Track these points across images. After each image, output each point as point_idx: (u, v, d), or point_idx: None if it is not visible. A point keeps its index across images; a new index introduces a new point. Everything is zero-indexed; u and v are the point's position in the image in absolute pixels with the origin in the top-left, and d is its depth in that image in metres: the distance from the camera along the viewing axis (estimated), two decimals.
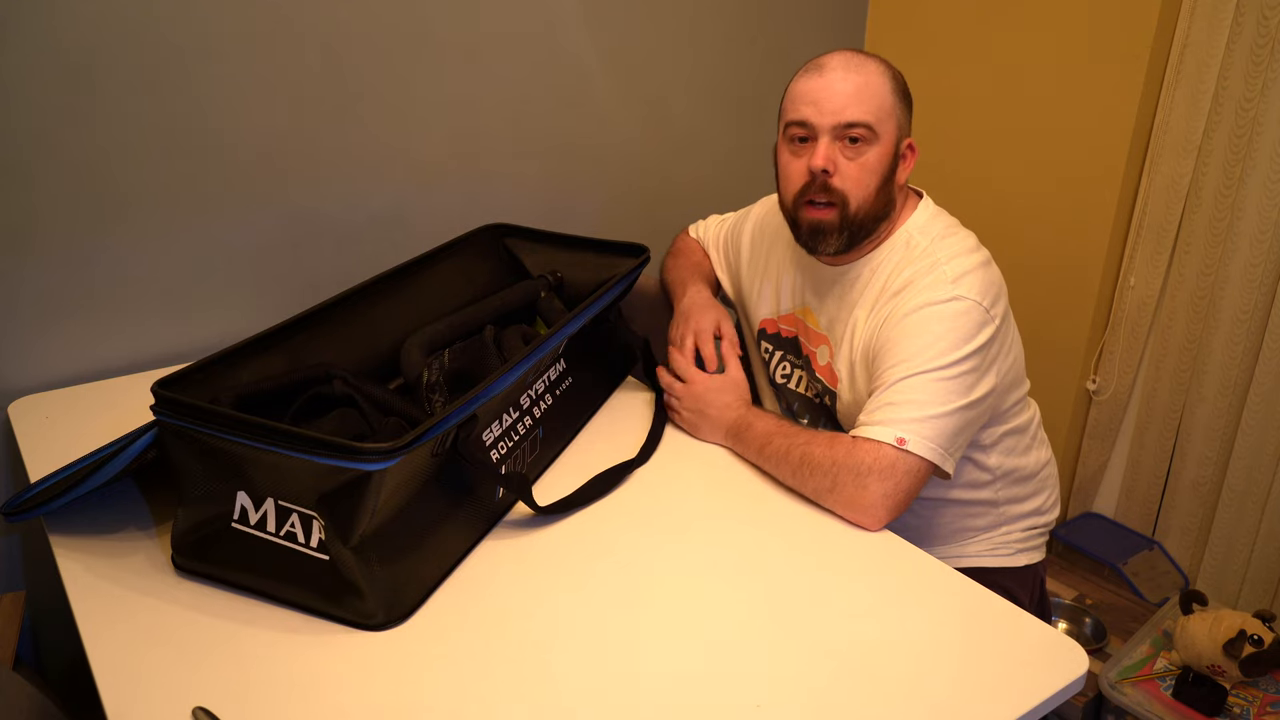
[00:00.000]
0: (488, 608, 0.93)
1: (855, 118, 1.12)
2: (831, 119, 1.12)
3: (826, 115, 1.12)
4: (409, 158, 1.54)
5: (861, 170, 1.13)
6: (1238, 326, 1.70)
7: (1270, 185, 1.60)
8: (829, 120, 1.12)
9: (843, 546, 1.04)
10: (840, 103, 1.12)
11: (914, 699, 0.84)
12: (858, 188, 1.14)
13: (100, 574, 0.95)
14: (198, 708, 0.78)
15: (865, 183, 1.14)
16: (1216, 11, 1.60)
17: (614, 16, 1.68)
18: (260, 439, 0.85)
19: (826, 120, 1.12)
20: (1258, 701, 1.52)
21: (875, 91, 1.12)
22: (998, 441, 1.23)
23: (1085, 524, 2.02)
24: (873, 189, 1.14)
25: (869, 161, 1.13)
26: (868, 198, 1.14)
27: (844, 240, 1.16)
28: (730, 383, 1.25)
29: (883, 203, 1.16)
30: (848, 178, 1.14)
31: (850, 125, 1.12)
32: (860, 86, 1.12)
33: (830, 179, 1.14)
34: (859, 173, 1.13)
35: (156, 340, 1.39)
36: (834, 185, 1.14)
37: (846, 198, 1.14)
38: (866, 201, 1.14)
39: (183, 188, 1.35)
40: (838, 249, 1.18)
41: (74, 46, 1.22)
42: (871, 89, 1.12)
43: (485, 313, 1.27)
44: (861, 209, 1.15)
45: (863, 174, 1.13)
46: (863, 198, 1.14)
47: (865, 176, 1.14)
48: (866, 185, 1.14)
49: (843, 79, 1.12)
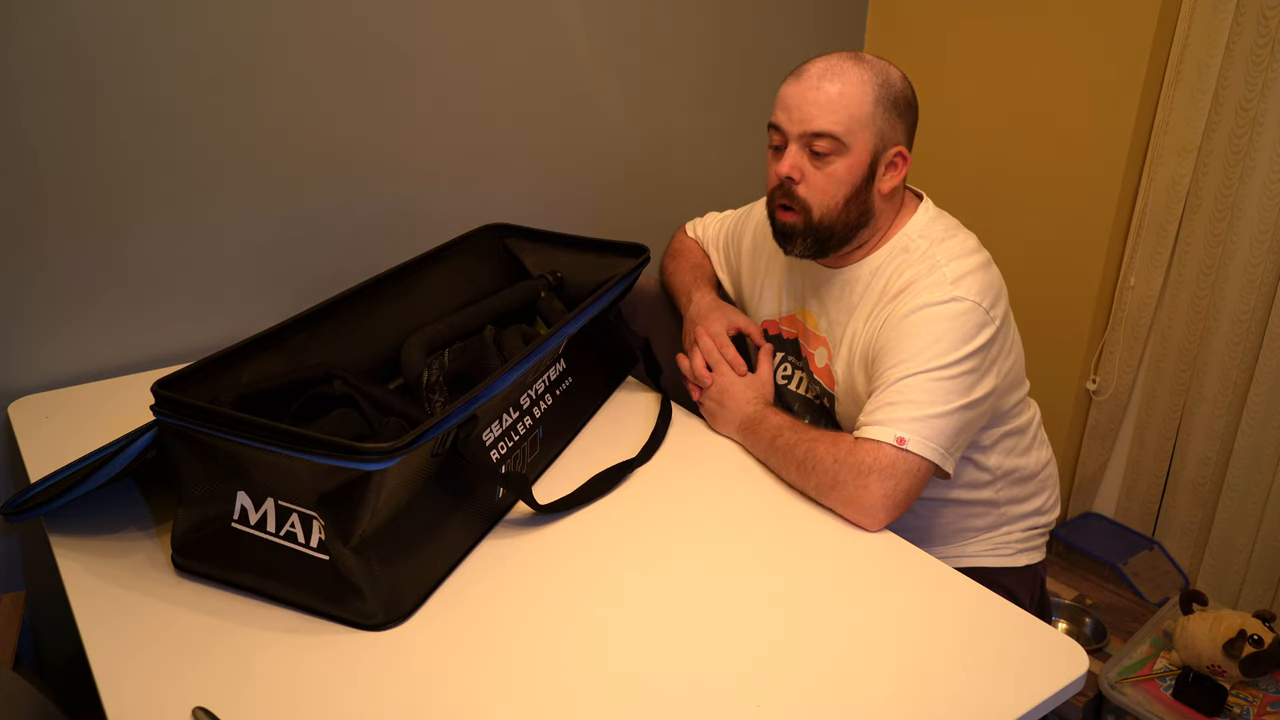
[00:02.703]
0: (488, 608, 0.93)
1: (820, 128, 1.11)
2: (798, 127, 1.12)
3: (795, 123, 1.12)
4: (409, 158, 1.54)
5: (828, 180, 1.13)
6: (1238, 326, 1.70)
7: (1270, 185, 1.61)
8: (796, 128, 1.12)
9: (843, 547, 1.04)
10: (808, 112, 1.11)
11: (914, 699, 0.84)
12: (822, 196, 1.13)
13: (100, 574, 0.95)
14: (198, 708, 0.78)
15: (831, 192, 1.13)
16: (1216, 11, 1.60)
17: (614, 16, 1.68)
18: (260, 439, 0.85)
19: (795, 128, 1.12)
20: (1258, 701, 1.52)
21: (849, 102, 1.10)
22: (998, 442, 1.23)
23: (1085, 524, 2.02)
24: (839, 199, 1.13)
25: (836, 172, 1.12)
26: (833, 207, 1.14)
27: (810, 245, 1.16)
28: (755, 380, 1.26)
29: (855, 213, 1.15)
30: (813, 186, 1.13)
31: (816, 135, 1.11)
32: (833, 97, 1.10)
33: (795, 186, 1.14)
34: (825, 182, 1.13)
35: (156, 340, 1.39)
36: (798, 193, 1.14)
37: (810, 205, 1.14)
38: (831, 211, 1.14)
39: (183, 189, 1.35)
40: (804, 252, 1.18)
41: (77, 49, 1.22)
42: (845, 99, 1.10)
43: (485, 313, 1.27)
44: (827, 218, 1.14)
45: (829, 184, 1.13)
46: (828, 207, 1.14)
47: (831, 186, 1.13)
48: (832, 195, 1.13)
49: (815, 88, 1.11)
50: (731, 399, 1.24)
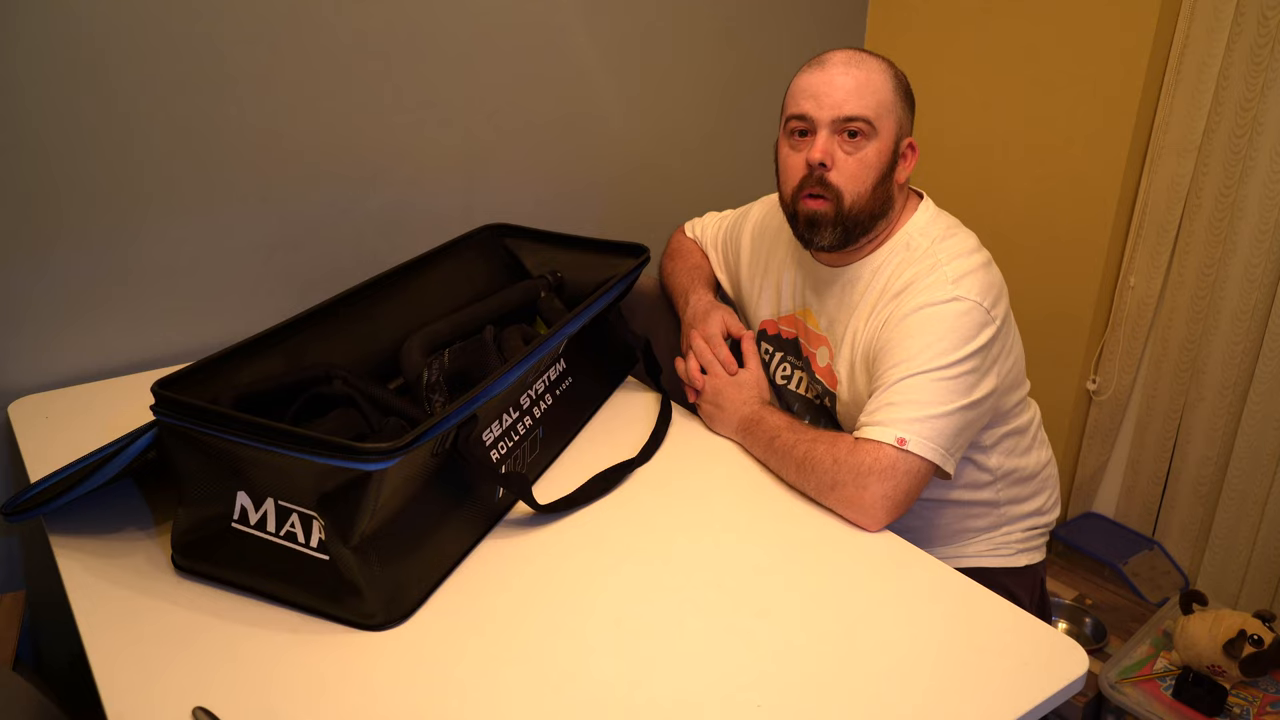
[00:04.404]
0: (488, 607, 0.93)
1: (855, 111, 1.12)
2: (831, 112, 1.12)
3: (826, 109, 1.13)
4: (409, 158, 1.54)
5: (859, 165, 1.13)
6: (1238, 326, 1.70)
7: (1270, 185, 1.61)
8: (828, 114, 1.13)
9: (843, 547, 1.04)
10: (840, 96, 1.12)
11: (914, 699, 0.84)
12: (854, 182, 1.14)
13: (100, 574, 0.95)
14: (198, 708, 0.78)
15: (862, 178, 1.14)
16: (1216, 12, 1.60)
17: (614, 16, 1.68)
18: (260, 439, 0.85)
19: (826, 114, 1.13)
20: (1258, 701, 1.52)
21: (876, 87, 1.13)
22: (998, 442, 1.23)
23: (1085, 524, 2.02)
24: (869, 184, 1.14)
25: (867, 157, 1.13)
26: (864, 193, 1.14)
27: (838, 234, 1.16)
28: (749, 379, 1.26)
29: (880, 200, 1.16)
30: (844, 172, 1.14)
31: (850, 119, 1.12)
32: (861, 82, 1.12)
33: (827, 173, 1.14)
34: (856, 168, 1.13)
35: (156, 340, 1.39)
36: (830, 180, 1.14)
37: (841, 192, 1.14)
38: (862, 197, 1.14)
39: (183, 188, 1.35)
40: (832, 243, 1.17)
41: (78, 49, 1.22)
42: (872, 85, 1.13)
43: (485, 313, 1.27)
44: (857, 204, 1.15)
45: (860, 169, 1.14)
46: (859, 193, 1.14)
47: (862, 172, 1.14)
48: (863, 180, 1.14)
49: (844, 74, 1.13)
50: (727, 400, 1.24)
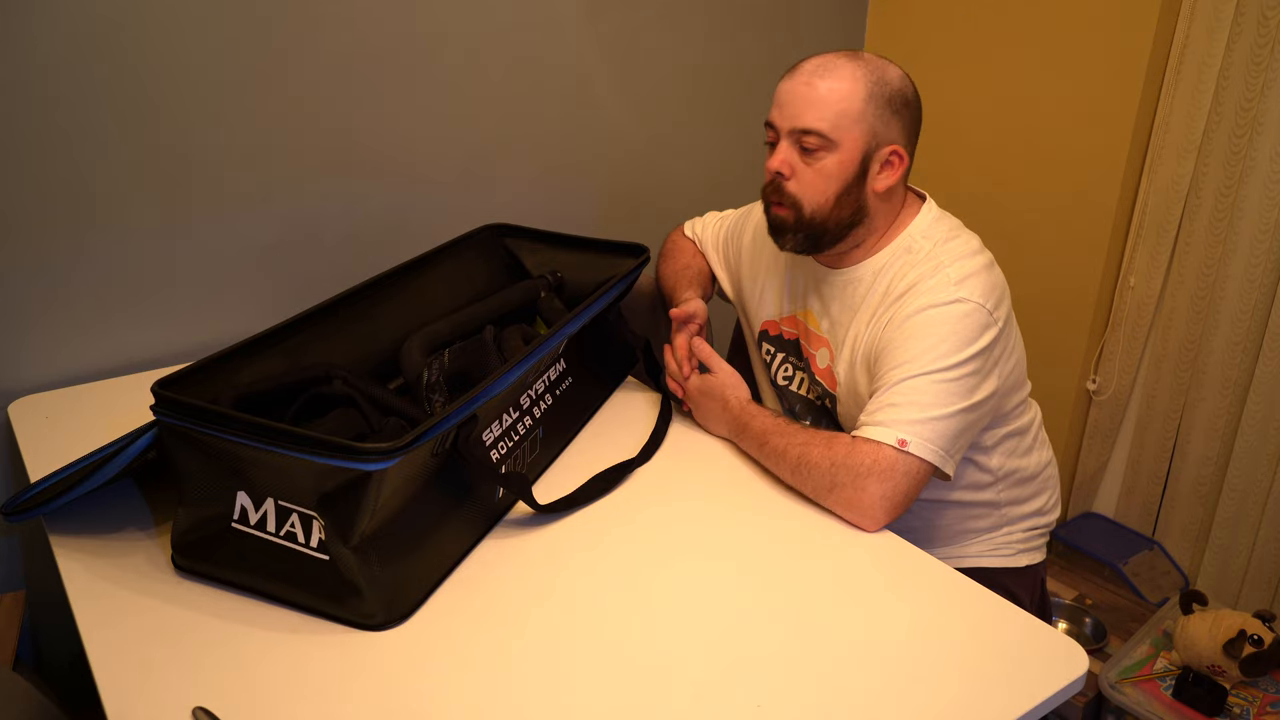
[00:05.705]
0: (488, 607, 0.93)
1: (808, 124, 1.11)
2: (788, 123, 1.13)
3: (785, 119, 1.13)
4: (409, 158, 1.54)
5: (818, 176, 1.13)
6: (1238, 326, 1.70)
7: (1270, 185, 1.61)
8: (786, 124, 1.13)
9: (843, 547, 1.04)
10: (798, 108, 1.12)
11: (914, 699, 0.84)
12: (812, 192, 1.14)
13: (100, 574, 0.95)
14: (198, 708, 0.78)
15: (820, 188, 1.13)
16: (1216, 12, 1.60)
17: (614, 16, 1.68)
18: (260, 439, 0.85)
19: (785, 124, 1.13)
20: (1258, 701, 1.52)
21: (839, 98, 1.10)
22: (999, 443, 1.23)
23: (1085, 524, 2.02)
24: (830, 195, 1.14)
25: (826, 168, 1.13)
26: (824, 204, 1.14)
27: (801, 240, 1.17)
28: (714, 386, 1.24)
29: (849, 209, 1.15)
30: (802, 182, 1.14)
31: (804, 132, 1.12)
32: (823, 94, 1.11)
33: (785, 182, 1.14)
34: (814, 178, 1.13)
35: (156, 340, 1.39)
36: (788, 189, 1.15)
37: (800, 201, 1.14)
38: (823, 208, 1.14)
39: (183, 188, 1.35)
40: (797, 248, 1.18)
41: (79, 50, 1.22)
42: (835, 95, 1.10)
43: (485, 313, 1.27)
44: (818, 214, 1.15)
45: (819, 179, 1.13)
46: (818, 203, 1.14)
47: (821, 182, 1.13)
48: (822, 191, 1.13)
49: (806, 84, 1.12)
50: (706, 399, 1.24)
